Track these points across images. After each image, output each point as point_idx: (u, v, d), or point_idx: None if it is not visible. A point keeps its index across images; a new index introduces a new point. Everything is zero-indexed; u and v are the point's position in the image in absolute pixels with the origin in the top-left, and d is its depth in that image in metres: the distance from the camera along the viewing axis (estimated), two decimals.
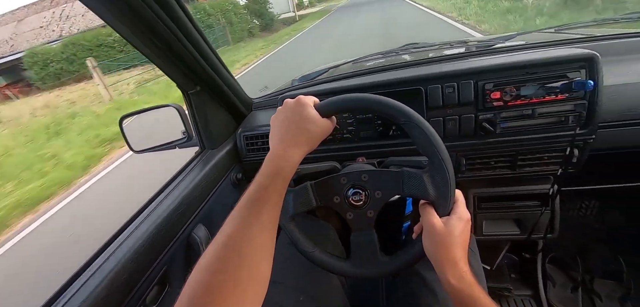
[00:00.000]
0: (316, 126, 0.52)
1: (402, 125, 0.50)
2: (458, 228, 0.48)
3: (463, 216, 0.50)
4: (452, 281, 0.45)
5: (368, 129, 0.85)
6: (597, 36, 0.90)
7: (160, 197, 0.75)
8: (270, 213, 0.44)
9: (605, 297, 1.10)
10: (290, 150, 0.50)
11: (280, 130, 0.53)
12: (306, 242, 0.58)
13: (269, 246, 0.43)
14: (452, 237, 0.47)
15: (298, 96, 0.55)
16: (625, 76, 0.76)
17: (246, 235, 0.40)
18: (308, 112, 0.52)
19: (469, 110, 0.76)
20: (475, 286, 0.45)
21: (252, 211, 0.43)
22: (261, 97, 1.08)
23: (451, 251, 0.47)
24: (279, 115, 0.55)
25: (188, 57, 0.70)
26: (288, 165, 0.49)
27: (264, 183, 0.46)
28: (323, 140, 0.55)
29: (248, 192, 0.45)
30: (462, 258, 0.47)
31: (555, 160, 0.79)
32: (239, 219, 0.42)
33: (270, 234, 0.43)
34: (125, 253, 0.57)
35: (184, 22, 0.65)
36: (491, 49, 0.92)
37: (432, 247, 0.49)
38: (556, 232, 0.92)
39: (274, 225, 0.45)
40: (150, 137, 0.98)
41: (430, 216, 0.50)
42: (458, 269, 0.46)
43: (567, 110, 0.72)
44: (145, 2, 0.55)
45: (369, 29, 10.13)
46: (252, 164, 0.97)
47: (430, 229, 0.49)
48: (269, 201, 0.44)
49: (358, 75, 0.96)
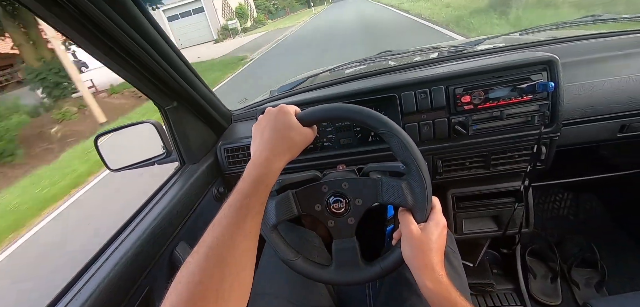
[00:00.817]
0: (298, 135, 0.53)
1: (381, 134, 0.52)
2: (435, 234, 0.49)
3: (440, 222, 0.51)
4: (428, 284, 0.47)
5: (347, 137, 0.87)
6: (557, 39, 0.95)
7: (140, 215, 0.73)
8: (253, 221, 0.44)
9: (582, 285, 1.15)
10: (272, 158, 0.50)
11: (262, 138, 0.53)
12: (287, 250, 0.58)
13: (251, 255, 0.42)
14: (429, 242, 0.49)
15: (280, 105, 0.55)
16: (584, 76, 0.80)
17: (228, 244, 0.40)
18: (290, 120, 0.53)
19: (442, 115, 0.79)
20: (451, 288, 0.46)
21: (235, 219, 0.42)
22: (240, 109, 1.08)
23: (428, 256, 0.48)
24: (260, 123, 0.55)
25: (162, 73, 0.70)
26: (270, 173, 0.49)
27: (246, 191, 0.45)
28: (304, 149, 0.56)
29: (229, 200, 0.44)
30: (439, 262, 0.48)
31: (525, 157, 0.83)
32: (220, 228, 0.41)
33: (253, 242, 0.43)
34: (104, 276, 0.56)
35: (156, 40, 0.64)
36: (461, 54, 0.96)
37: (410, 252, 0.50)
38: (531, 226, 0.95)
39: (256, 233, 0.44)
40: (128, 154, 0.96)
41: (408, 223, 0.51)
42: (435, 273, 0.47)
43: (533, 110, 0.76)
44: (115, 22, 0.55)
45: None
46: (234, 177, 0.96)
47: (408, 236, 0.50)
48: (252, 209, 0.44)
49: (336, 84, 0.98)
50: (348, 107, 0.53)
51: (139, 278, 0.62)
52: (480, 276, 1.16)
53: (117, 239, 0.66)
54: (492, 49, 0.97)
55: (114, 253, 0.61)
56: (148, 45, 0.62)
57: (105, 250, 0.64)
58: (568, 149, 0.84)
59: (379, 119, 0.51)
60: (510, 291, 1.15)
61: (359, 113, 0.52)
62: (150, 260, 0.66)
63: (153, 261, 0.66)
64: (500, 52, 0.93)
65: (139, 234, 0.65)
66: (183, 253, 0.74)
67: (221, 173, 0.98)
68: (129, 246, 0.62)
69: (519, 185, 0.88)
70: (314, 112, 0.54)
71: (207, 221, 0.92)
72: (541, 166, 0.84)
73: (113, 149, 0.94)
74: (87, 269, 0.60)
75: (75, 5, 0.49)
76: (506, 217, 0.96)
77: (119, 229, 0.70)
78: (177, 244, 0.75)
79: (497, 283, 1.16)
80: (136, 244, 0.63)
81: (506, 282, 1.18)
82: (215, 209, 0.94)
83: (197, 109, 0.88)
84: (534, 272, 1.20)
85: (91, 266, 0.60)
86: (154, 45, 0.64)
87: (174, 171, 0.92)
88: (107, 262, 0.59)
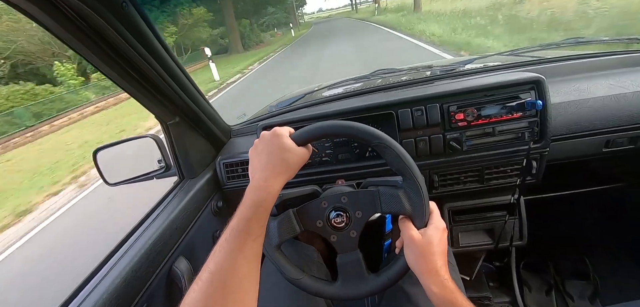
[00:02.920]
0: (293, 155, 0.55)
1: (375, 147, 0.54)
2: (436, 237, 0.51)
3: (439, 226, 0.53)
4: (434, 289, 0.48)
5: (345, 152, 0.89)
6: (543, 59, 1.01)
7: (139, 231, 0.73)
8: (254, 245, 0.45)
9: (576, 298, 1.17)
10: (270, 180, 0.51)
11: (259, 162, 0.54)
12: (293, 269, 0.58)
13: (253, 278, 0.43)
14: (431, 246, 0.50)
15: (274, 127, 0.57)
16: (569, 94, 0.85)
17: (230, 269, 0.41)
18: (284, 142, 0.54)
19: (437, 131, 0.82)
20: (457, 292, 0.47)
21: (236, 244, 0.43)
22: (239, 124, 1.09)
23: (431, 260, 0.49)
24: (257, 148, 0.57)
25: (167, 89, 0.71)
26: (269, 195, 0.50)
27: (246, 215, 0.47)
28: (302, 166, 0.57)
29: (230, 225, 0.46)
30: (443, 266, 0.50)
31: (517, 172, 0.86)
32: (222, 253, 0.42)
33: (255, 265, 0.44)
34: (102, 293, 0.55)
35: (162, 55, 0.66)
36: (453, 73, 1.01)
37: (414, 258, 0.51)
38: (525, 239, 0.97)
39: (258, 256, 0.45)
40: (126, 168, 0.96)
41: (409, 230, 0.52)
42: (440, 278, 0.48)
43: (523, 127, 0.79)
44: (123, 37, 0.56)
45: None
46: (232, 191, 0.97)
47: (410, 242, 0.51)
48: (252, 233, 0.45)
49: (333, 100, 1.01)
50: (340, 123, 0.55)
51: (137, 295, 0.61)
52: (477, 289, 1.17)
53: (115, 256, 0.65)
54: (482, 68, 1.01)
55: (111, 270, 0.61)
56: (153, 59, 0.64)
57: (102, 267, 0.63)
58: (559, 163, 0.88)
59: (371, 132, 0.53)
60: (506, 304, 1.16)
61: (351, 128, 0.54)
62: (149, 276, 0.65)
63: (152, 277, 0.66)
64: (490, 72, 0.97)
65: (137, 249, 0.65)
66: (182, 268, 0.73)
67: (220, 188, 0.98)
68: (126, 262, 0.62)
69: (512, 199, 0.91)
70: (308, 132, 0.56)
71: (206, 236, 0.92)
72: (532, 180, 0.87)
73: (111, 162, 0.94)
74: (83, 287, 0.59)
75: (79, 15, 0.49)
76: (500, 230, 0.99)
77: (116, 245, 0.69)
78: (175, 259, 0.74)
79: (494, 296, 1.17)
80: (134, 260, 0.62)
81: (502, 295, 1.18)
82: (213, 223, 0.94)
83: (198, 124, 0.89)
84: (529, 285, 1.21)
85: (87, 283, 0.60)
86: (158, 59, 0.65)
87: (173, 185, 0.92)
88: (104, 280, 0.59)
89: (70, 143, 7.91)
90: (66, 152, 7.02)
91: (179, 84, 0.74)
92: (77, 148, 7.21)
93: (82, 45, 0.54)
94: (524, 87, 0.78)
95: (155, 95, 0.72)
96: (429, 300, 0.64)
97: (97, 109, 12.15)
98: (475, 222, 1.00)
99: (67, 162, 6.18)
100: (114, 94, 12.90)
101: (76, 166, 5.80)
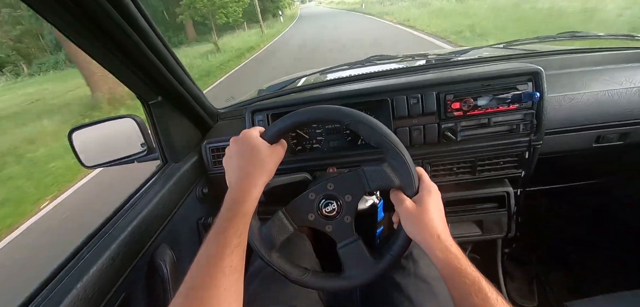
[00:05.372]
0: (267, 155, 0.53)
1: (348, 126, 0.52)
2: (430, 201, 0.50)
3: (431, 188, 0.51)
4: (439, 254, 0.46)
5: (337, 139, 0.86)
6: (540, 52, 1.00)
7: (117, 217, 0.69)
8: (233, 255, 0.43)
9: (557, 288, 1.20)
10: (247, 186, 0.50)
11: (234, 169, 0.52)
12: (294, 270, 0.56)
13: (235, 290, 0.41)
14: (427, 212, 0.49)
15: (242, 131, 0.55)
16: (564, 88, 0.84)
17: (209, 284, 0.39)
18: (256, 143, 0.53)
19: (433, 120, 0.80)
20: (461, 257, 0.46)
21: (214, 257, 0.41)
22: (228, 108, 1.05)
23: (431, 226, 0.48)
24: (229, 156, 0.55)
25: (149, 66, 0.66)
26: (248, 202, 0.49)
27: (223, 227, 0.45)
28: (288, 155, 0.56)
29: (208, 237, 0.44)
30: (444, 230, 0.48)
31: (510, 164, 0.86)
32: (199, 268, 0.41)
33: (236, 276, 0.42)
34: (76, 283, 0.51)
35: (144, 29, 0.61)
36: (449, 62, 0.99)
37: (413, 228, 0.50)
38: (513, 231, 0.98)
39: (239, 267, 0.43)
40: (106, 150, 0.91)
41: (402, 201, 0.51)
42: (442, 242, 0.47)
43: (518, 119, 0.78)
44: (103, 8, 0.51)
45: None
46: (218, 177, 0.93)
47: (405, 213, 0.50)
48: (229, 245, 0.43)
49: (325, 86, 0.97)
50: (309, 109, 0.53)
51: (114, 285, 0.58)
52: None
53: (90, 243, 0.61)
54: (479, 58, 1.00)
55: (86, 259, 0.57)
56: (135, 34, 0.59)
57: (75, 255, 0.59)
58: (548, 156, 0.88)
59: (341, 111, 0.51)
60: None
61: (319, 111, 0.52)
62: (127, 265, 0.61)
63: (131, 266, 0.62)
64: (487, 62, 0.95)
65: (114, 237, 0.61)
66: (164, 257, 0.70)
67: (205, 173, 0.94)
68: (103, 250, 0.58)
69: (504, 191, 0.91)
70: (277, 128, 0.54)
71: (190, 222, 0.89)
72: (524, 173, 0.87)
73: (89, 144, 0.89)
74: (56, 274, 0.55)
75: None
76: (489, 222, 0.99)
77: (91, 232, 0.65)
78: (157, 247, 0.71)
79: None
80: (112, 248, 0.59)
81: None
82: (198, 210, 0.90)
83: (183, 106, 0.85)
84: (512, 276, 1.24)
85: (59, 272, 0.56)
86: (141, 35, 0.60)
87: (156, 169, 0.87)
88: (78, 268, 0.55)
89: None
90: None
91: (162, 62, 0.68)
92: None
93: (55, 16, 0.49)
94: (522, 78, 0.77)
95: (135, 72, 0.67)
96: (418, 288, 0.64)
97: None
98: (465, 213, 1.00)
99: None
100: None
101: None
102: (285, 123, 0.54)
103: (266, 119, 0.86)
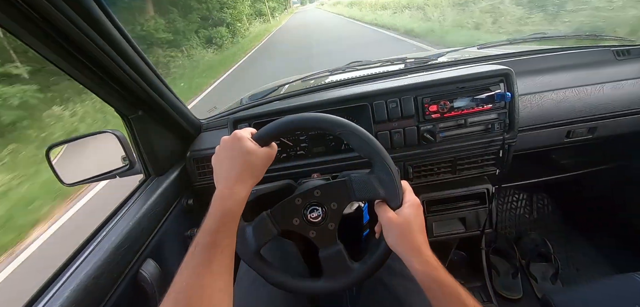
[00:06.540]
0: (257, 157, 0.52)
1: (340, 135, 0.53)
2: (412, 215, 0.51)
3: (414, 203, 0.53)
4: (417, 266, 0.48)
5: (321, 145, 0.87)
6: (512, 53, 1.05)
7: (100, 235, 0.67)
8: (222, 257, 0.43)
9: (540, 278, 1.24)
10: (235, 187, 0.49)
11: (222, 169, 0.52)
12: (275, 273, 0.57)
13: (224, 293, 0.41)
14: (409, 225, 0.50)
15: (234, 132, 0.55)
16: (534, 87, 0.89)
17: (197, 287, 0.38)
18: (246, 145, 0.52)
19: (412, 123, 0.83)
20: (440, 269, 0.47)
21: (202, 259, 0.41)
22: (210, 118, 1.04)
23: (411, 238, 0.49)
24: (219, 155, 0.54)
25: (126, 79, 0.66)
26: (235, 204, 0.48)
27: (212, 227, 0.44)
28: (272, 163, 0.55)
29: (196, 239, 0.43)
30: (424, 242, 0.50)
31: (488, 162, 0.89)
32: (188, 271, 0.40)
33: (225, 279, 0.42)
34: (62, 302, 0.50)
35: (119, 42, 0.60)
36: (426, 65, 1.02)
37: (394, 240, 0.51)
38: (494, 226, 1.02)
39: (228, 268, 0.43)
40: (86, 166, 0.89)
41: (385, 212, 0.52)
42: (422, 255, 0.48)
43: (492, 118, 0.82)
44: (75, 23, 0.50)
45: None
46: (204, 188, 0.93)
47: (388, 224, 0.51)
48: (219, 245, 0.43)
49: (307, 93, 0.99)
50: (302, 116, 0.54)
51: (99, 304, 0.57)
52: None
53: (73, 263, 0.60)
54: (454, 61, 1.04)
55: (69, 279, 0.56)
56: (109, 47, 0.58)
57: (58, 276, 0.58)
58: (523, 153, 0.92)
59: (334, 121, 0.52)
60: (477, 289, 1.21)
61: (313, 120, 0.53)
62: (112, 283, 0.60)
63: (116, 283, 0.61)
64: (461, 65, 0.99)
65: (98, 255, 0.60)
66: (150, 271, 0.69)
67: (190, 185, 0.93)
68: (86, 269, 0.57)
69: (483, 188, 0.94)
70: (269, 131, 0.54)
71: (177, 236, 0.88)
72: (502, 170, 0.90)
73: (68, 160, 0.87)
74: (41, 295, 0.54)
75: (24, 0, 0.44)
76: (472, 219, 1.02)
77: (73, 252, 0.63)
78: (143, 262, 0.70)
79: (466, 282, 1.22)
80: (95, 266, 0.58)
81: (474, 280, 1.24)
82: (184, 222, 0.89)
83: (164, 118, 0.84)
84: (497, 269, 1.28)
85: (42, 294, 0.54)
86: (116, 48, 0.60)
87: (139, 183, 0.86)
88: (61, 289, 0.54)
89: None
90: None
91: (140, 75, 0.68)
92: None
93: (28, 34, 0.48)
94: (493, 80, 0.81)
95: (113, 86, 0.66)
96: (406, 288, 0.65)
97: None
98: (449, 212, 1.03)
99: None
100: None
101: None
102: (277, 127, 0.54)
103: (250, 127, 0.86)
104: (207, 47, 14.41)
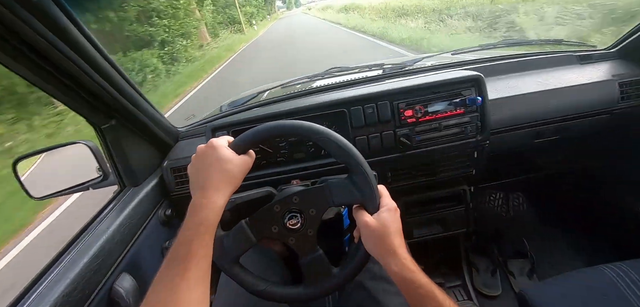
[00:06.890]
0: (234, 165, 0.52)
1: (316, 141, 0.54)
2: (389, 219, 0.52)
3: (390, 207, 0.54)
4: (394, 268, 0.49)
5: (300, 151, 0.88)
6: (483, 59, 1.09)
7: (70, 250, 0.65)
8: (198, 268, 0.42)
9: (517, 274, 1.29)
10: (212, 196, 0.48)
11: (199, 178, 0.51)
12: (255, 281, 0.56)
13: (200, 304, 0.41)
14: (386, 228, 0.51)
15: (210, 139, 0.54)
16: (504, 91, 0.93)
17: (172, 299, 0.38)
18: (223, 153, 0.51)
19: (389, 128, 0.85)
20: (417, 272, 0.48)
21: (177, 270, 0.41)
22: (188, 126, 1.03)
23: (388, 242, 0.50)
24: (195, 164, 0.53)
25: (97, 89, 0.64)
26: (212, 213, 0.47)
27: (188, 237, 0.44)
28: (252, 170, 0.55)
29: (171, 250, 0.43)
30: (401, 245, 0.51)
31: (463, 164, 0.92)
32: (162, 283, 0.40)
33: (201, 289, 0.41)
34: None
35: (87, 51, 0.59)
36: (402, 70, 1.05)
37: (372, 244, 0.52)
38: (472, 226, 1.05)
39: (205, 279, 0.43)
40: (57, 179, 0.86)
41: (363, 217, 0.53)
42: (398, 258, 0.49)
43: (466, 122, 0.85)
44: (39, 32, 0.49)
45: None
46: (182, 198, 0.91)
47: (365, 229, 0.52)
48: (196, 256, 0.42)
49: (286, 100, 0.99)
50: (280, 123, 0.54)
51: None
52: (431, 276, 1.22)
53: (44, 279, 0.58)
54: (429, 67, 1.07)
55: (39, 295, 0.53)
56: (76, 55, 0.56)
57: (28, 291, 0.56)
58: (498, 154, 0.95)
59: (311, 128, 0.53)
60: (458, 287, 1.24)
61: (290, 127, 0.54)
62: (84, 299, 0.58)
63: (89, 299, 0.59)
64: (435, 70, 1.03)
65: (68, 272, 0.58)
66: (126, 286, 0.67)
67: (168, 195, 0.92)
68: (56, 288, 0.54)
69: (461, 189, 0.97)
70: (247, 138, 0.54)
71: (154, 248, 0.86)
72: (477, 171, 0.94)
73: (37, 173, 0.84)
74: None
75: None
76: (450, 219, 1.05)
77: (42, 269, 0.61)
78: (117, 277, 0.68)
79: (446, 281, 1.25)
80: (66, 283, 0.55)
81: (454, 279, 1.27)
82: (162, 234, 0.87)
83: (139, 127, 0.82)
84: (476, 267, 1.31)
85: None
86: (83, 55, 0.58)
87: (113, 195, 0.84)
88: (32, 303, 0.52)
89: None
90: None
91: (111, 83, 0.66)
92: None
93: None
94: (465, 85, 0.84)
95: (82, 96, 0.64)
96: (387, 293, 0.66)
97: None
98: (428, 213, 1.06)
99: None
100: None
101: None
102: (255, 134, 0.54)
103: (228, 135, 0.86)
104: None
